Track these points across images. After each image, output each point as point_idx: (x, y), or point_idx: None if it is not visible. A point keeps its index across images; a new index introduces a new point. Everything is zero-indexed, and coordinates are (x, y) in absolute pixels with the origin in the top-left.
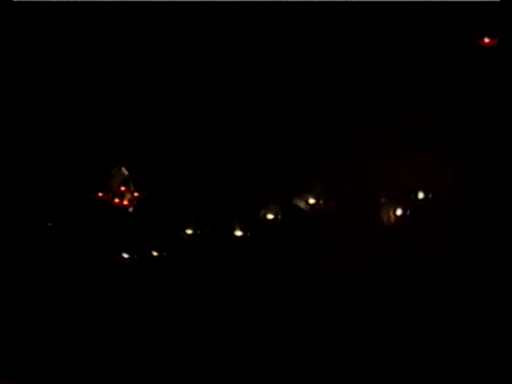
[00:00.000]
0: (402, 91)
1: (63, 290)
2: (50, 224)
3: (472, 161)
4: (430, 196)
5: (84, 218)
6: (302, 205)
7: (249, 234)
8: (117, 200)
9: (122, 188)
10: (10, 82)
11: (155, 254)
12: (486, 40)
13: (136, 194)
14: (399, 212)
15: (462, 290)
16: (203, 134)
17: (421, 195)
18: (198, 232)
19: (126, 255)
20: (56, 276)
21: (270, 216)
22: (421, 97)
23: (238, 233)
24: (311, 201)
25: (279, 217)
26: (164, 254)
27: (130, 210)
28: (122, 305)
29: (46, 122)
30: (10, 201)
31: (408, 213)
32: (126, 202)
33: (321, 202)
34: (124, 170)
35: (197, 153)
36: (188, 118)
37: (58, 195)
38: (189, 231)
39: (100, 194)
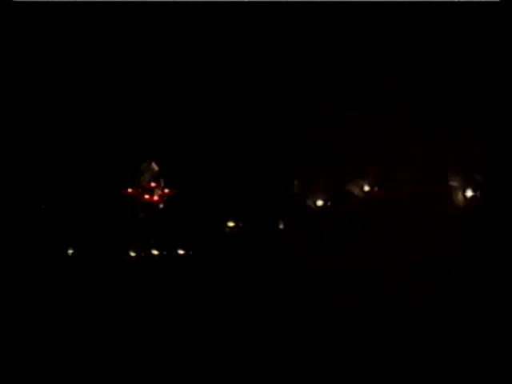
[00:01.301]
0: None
1: (91, 284)
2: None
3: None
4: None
5: (113, 213)
6: (355, 191)
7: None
8: (147, 196)
9: (152, 184)
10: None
11: (182, 251)
12: None
13: (166, 191)
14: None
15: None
16: (235, 128)
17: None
18: (241, 225)
19: (155, 251)
20: (82, 271)
21: (320, 202)
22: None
23: (280, 224)
24: (366, 188)
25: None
26: (190, 252)
27: (161, 206)
28: (154, 299)
29: (69, 119)
30: (40, 195)
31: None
32: (155, 198)
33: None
34: (154, 166)
35: (228, 147)
36: (218, 111)
37: (88, 191)
38: (231, 223)
39: (130, 190)
